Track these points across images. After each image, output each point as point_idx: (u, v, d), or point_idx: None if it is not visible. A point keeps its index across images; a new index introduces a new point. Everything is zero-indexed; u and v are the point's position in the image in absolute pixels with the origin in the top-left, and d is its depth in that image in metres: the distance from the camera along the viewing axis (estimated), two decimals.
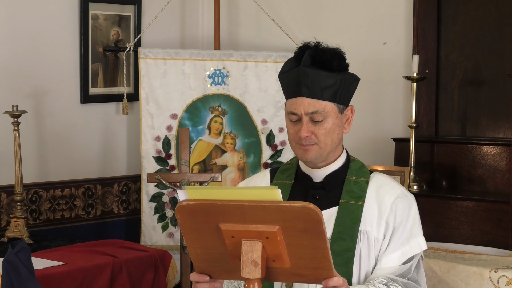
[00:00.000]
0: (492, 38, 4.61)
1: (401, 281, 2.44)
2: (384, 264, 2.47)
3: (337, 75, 2.47)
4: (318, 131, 2.46)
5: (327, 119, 2.47)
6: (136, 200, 5.24)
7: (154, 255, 4.13)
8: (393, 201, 2.49)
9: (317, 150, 2.47)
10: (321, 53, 2.47)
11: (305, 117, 2.44)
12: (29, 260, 2.81)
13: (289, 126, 2.50)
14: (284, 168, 2.64)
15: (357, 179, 2.54)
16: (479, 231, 4.14)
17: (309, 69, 2.44)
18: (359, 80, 2.57)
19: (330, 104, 2.47)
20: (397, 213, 2.48)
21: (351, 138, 5.05)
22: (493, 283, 3.35)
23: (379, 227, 2.48)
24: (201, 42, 5.62)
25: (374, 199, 2.50)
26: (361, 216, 2.47)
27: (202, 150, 5.06)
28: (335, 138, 2.50)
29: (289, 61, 2.53)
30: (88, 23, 4.99)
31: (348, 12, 5.07)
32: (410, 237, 2.49)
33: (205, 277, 2.23)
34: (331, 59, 2.46)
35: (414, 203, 2.54)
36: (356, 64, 5.07)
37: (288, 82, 2.49)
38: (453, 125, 4.73)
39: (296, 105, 2.45)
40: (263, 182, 2.63)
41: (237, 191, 2.11)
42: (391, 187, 2.54)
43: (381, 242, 2.48)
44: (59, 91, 4.91)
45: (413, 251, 2.50)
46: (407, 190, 2.59)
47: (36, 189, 4.81)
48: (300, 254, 2.11)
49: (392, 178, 2.61)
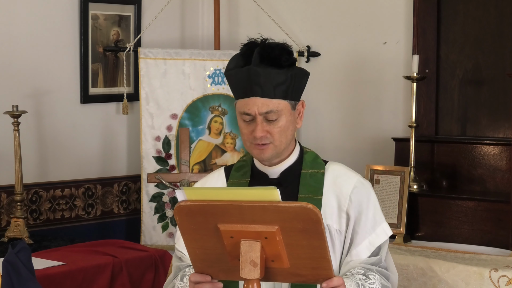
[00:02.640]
0: (492, 38, 4.61)
1: (376, 269, 2.45)
2: (355, 256, 2.47)
3: (287, 71, 2.45)
4: (273, 130, 2.45)
5: (281, 117, 2.46)
6: (136, 200, 5.24)
7: (154, 255, 4.13)
8: (351, 191, 2.50)
9: (272, 149, 2.47)
10: (269, 50, 2.46)
11: (259, 116, 2.43)
12: (29, 260, 2.81)
13: (243, 126, 2.48)
14: (238, 165, 2.62)
15: (313, 171, 2.53)
16: (479, 231, 4.14)
17: (260, 68, 2.42)
18: (309, 74, 2.55)
19: (283, 102, 2.46)
20: (357, 203, 2.49)
21: (351, 138, 5.07)
22: (493, 283, 3.35)
23: (340, 219, 2.48)
24: (201, 42, 5.62)
25: (331, 191, 2.50)
26: (321, 210, 2.47)
27: (202, 150, 5.06)
28: (289, 135, 2.50)
29: (234, 57, 2.52)
30: (88, 23, 4.99)
31: (348, 12, 5.07)
32: (375, 225, 2.50)
33: (207, 277, 2.23)
34: (279, 55, 2.45)
35: (372, 190, 2.55)
36: (356, 64, 5.11)
37: (238, 81, 2.47)
38: (453, 125, 4.73)
39: (249, 105, 2.44)
40: (218, 181, 2.62)
41: (236, 192, 2.11)
42: (347, 176, 2.54)
43: (344, 234, 2.48)
44: (59, 91, 4.91)
45: (380, 239, 2.50)
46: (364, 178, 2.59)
47: (36, 189, 4.81)
48: (299, 254, 2.11)
49: (346, 167, 2.61)
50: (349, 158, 4.83)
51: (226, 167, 2.65)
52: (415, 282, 3.58)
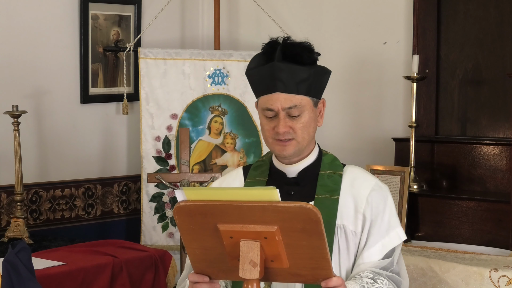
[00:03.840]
0: (492, 38, 4.61)
1: (386, 274, 2.45)
2: (366, 258, 2.47)
3: (309, 68, 2.46)
4: (296, 126, 2.46)
5: (304, 113, 2.47)
6: (136, 200, 5.24)
7: (154, 255, 4.13)
8: (369, 194, 2.50)
9: (295, 145, 2.47)
10: (291, 48, 2.46)
11: (282, 112, 2.44)
12: (29, 260, 2.81)
13: (265, 122, 2.48)
14: (257, 165, 2.63)
15: (331, 172, 2.54)
16: (479, 231, 4.14)
17: (283, 64, 2.43)
18: (330, 72, 2.56)
19: (305, 98, 2.47)
20: (373, 205, 2.49)
21: (351, 138, 5.07)
22: (493, 283, 3.36)
23: (356, 220, 2.48)
24: (201, 42, 5.62)
25: (349, 192, 2.51)
26: (337, 210, 2.47)
27: (202, 150, 5.06)
28: (311, 131, 2.50)
29: (256, 57, 2.52)
30: (88, 23, 4.99)
31: (348, 12, 5.07)
32: (389, 229, 2.50)
33: (205, 278, 2.23)
34: (301, 53, 2.46)
35: (389, 194, 2.55)
36: (356, 64, 5.10)
37: (260, 78, 2.47)
38: (453, 125, 4.73)
39: (272, 100, 2.44)
40: (236, 180, 2.63)
41: (235, 192, 2.11)
42: (365, 179, 2.54)
43: (359, 235, 2.48)
44: (59, 91, 4.91)
45: (393, 243, 2.50)
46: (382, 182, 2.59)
47: (36, 189, 4.81)
48: (298, 254, 2.11)
49: (365, 170, 2.62)
50: (349, 158, 4.82)
51: (244, 166, 2.67)
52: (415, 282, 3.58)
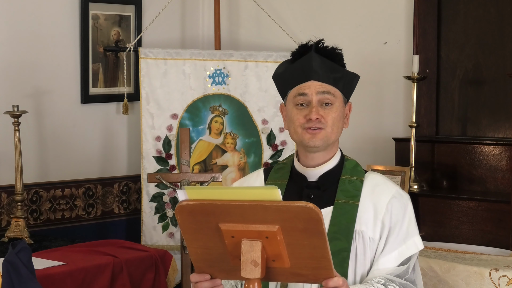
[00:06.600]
0: (492, 38, 4.61)
1: (399, 282, 2.43)
2: (381, 265, 2.46)
3: (342, 68, 2.50)
4: (327, 115, 2.45)
5: (335, 105, 2.47)
6: (137, 200, 5.24)
7: (155, 255, 4.13)
8: (389, 201, 2.49)
9: (324, 135, 2.46)
10: (324, 47, 2.49)
11: (315, 97, 2.44)
12: (30, 260, 2.81)
13: (295, 112, 2.47)
14: (278, 167, 2.63)
15: (352, 178, 2.53)
16: (479, 231, 4.14)
17: (319, 56, 2.45)
18: (359, 77, 2.57)
19: (338, 91, 2.48)
20: (393, 213, 2.48)
21: (351, 138, 5.06)
22: (494, 283, 3.35)
23: (374, 227, 2.47)
24: (202, 42, 5.62)
25: (369, 198, 2.50)
26: (356, 216, 2.46)
27: (202, 150, 5.06)
28: (340, 128, 2.50)
29: (285, 61, 2.53)
30: (89, 23, 4.99)
31: (348, 12, 5.07)
32: (407, 237, 2.48)
33: (206, 276, 2.23)
34: (333, 55, 2.48)
35: (409, 203, 2.54)
36: (356, 64, 5.09)
37: (292, 73, 2.48)
38: (454, 125, 4.73)
39: (306, 86, 2.45)
40: (256, 181, 2.63)
41: (237, 191, 2.10)
42: (386, 186, 2.53)
43: (377, 242, 2.47)
44: (59, 91, 4.91)
45: (410, 251, 2.49)
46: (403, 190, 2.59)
47: (37, 189, 4.81)
48: (300, 253, 2.11)
49: (387, 178, 2.61)
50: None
51: (265, 168, 2.66)
52: None
